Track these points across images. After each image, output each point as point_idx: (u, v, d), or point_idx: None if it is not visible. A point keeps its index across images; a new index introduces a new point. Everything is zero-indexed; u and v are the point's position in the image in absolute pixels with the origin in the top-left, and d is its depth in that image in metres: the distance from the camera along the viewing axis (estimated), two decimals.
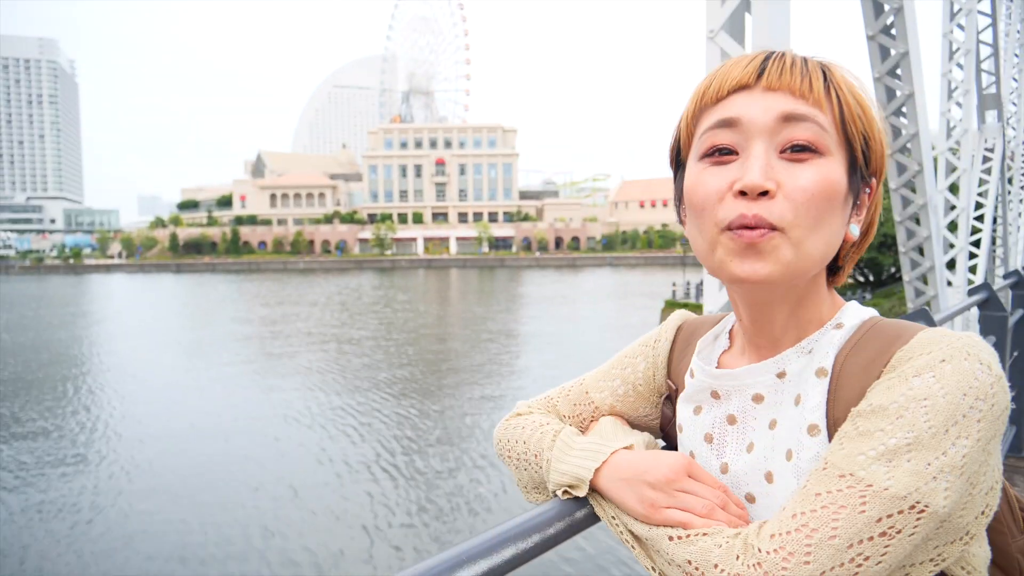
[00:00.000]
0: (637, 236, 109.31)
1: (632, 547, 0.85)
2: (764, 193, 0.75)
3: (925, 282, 7.81)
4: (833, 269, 0.88)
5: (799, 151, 0.76)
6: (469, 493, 12.71)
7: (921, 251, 7.62)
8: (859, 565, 0.67)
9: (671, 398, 1.02)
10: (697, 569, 0.74)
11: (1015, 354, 4.94)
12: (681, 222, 0.88)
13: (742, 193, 0.76)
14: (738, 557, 0.71)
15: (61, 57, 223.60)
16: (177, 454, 15.18)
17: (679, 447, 0.98)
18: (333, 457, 14.78)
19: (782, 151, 0.76)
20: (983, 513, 0.72)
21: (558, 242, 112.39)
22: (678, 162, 0.88)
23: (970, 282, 10.70)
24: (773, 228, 0.75)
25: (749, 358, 0.89)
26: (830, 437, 0.77)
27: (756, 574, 0.69)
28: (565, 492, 0.92)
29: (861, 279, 41.46)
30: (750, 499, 0.85)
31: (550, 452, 0.96)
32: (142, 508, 12.23)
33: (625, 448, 0.90)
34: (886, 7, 6.02)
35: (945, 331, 0.73)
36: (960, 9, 8.92)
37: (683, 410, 0.96)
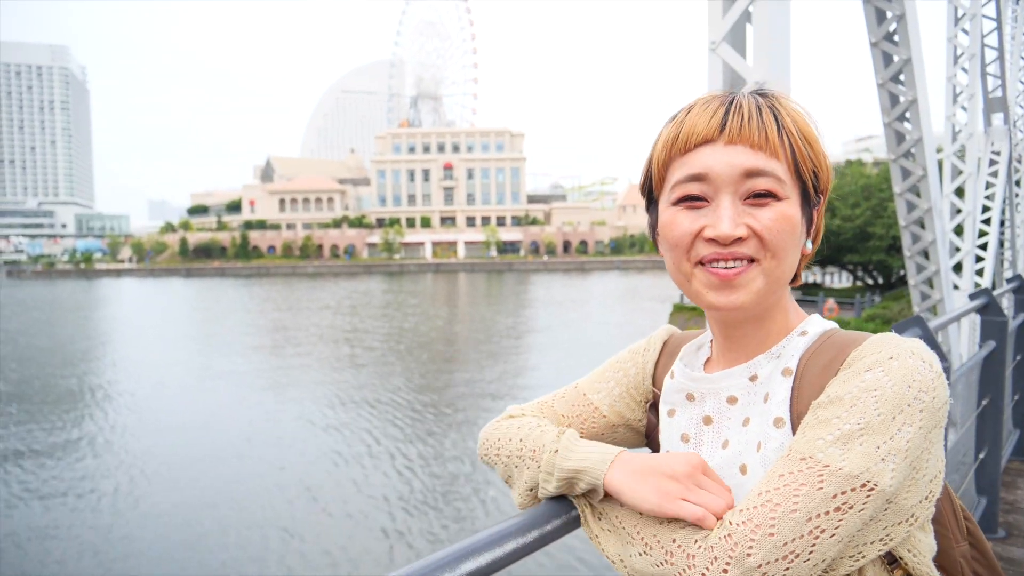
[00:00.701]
0: (645, 239, 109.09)
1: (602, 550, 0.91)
2: (736, 239, 0.87)
3: (931, 286, 7.84)
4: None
5: (761, 196, 0.87)
6: (489, 492, 12.80)
7: (926, 255, 7.65)
8: (816, 537, 0.75)
9: (655, 405, 1.10)
10: (680, 547, 0.80)
11: (1018, 358, 4.98)
12: (656, 247, 0.99)
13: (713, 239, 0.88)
14: (711, 532, 0.80)
15: (72, 63, 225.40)
16: (196, 457, 15.33)
17: (660, 449, 1.05)
18: (349, 459, 14.89)
19: (746, 198, 0.87)
20: (927, 498, 0.80)
21: (566, 246, 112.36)
22: (650, 196, 0.98)
23: (977, 285, 10.71)
24: (751, 260, 0.87)
25: (725, 364, 0.98)
26: (794, 429, 0.86)
27: (727, 544, 0.76)
28: (569, 487, 0.94)
29: (871, 282, 41.29)
30: None
31: (556, 443, 0.97)
32: (162, 512, 12.37)
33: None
34: (888, 14, 6.07)
35: (894, 335, 0.83)
36: (964, 14, 8.94)
37: (661, 412, 1.05)
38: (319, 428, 17.40)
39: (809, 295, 37.52)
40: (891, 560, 0.85)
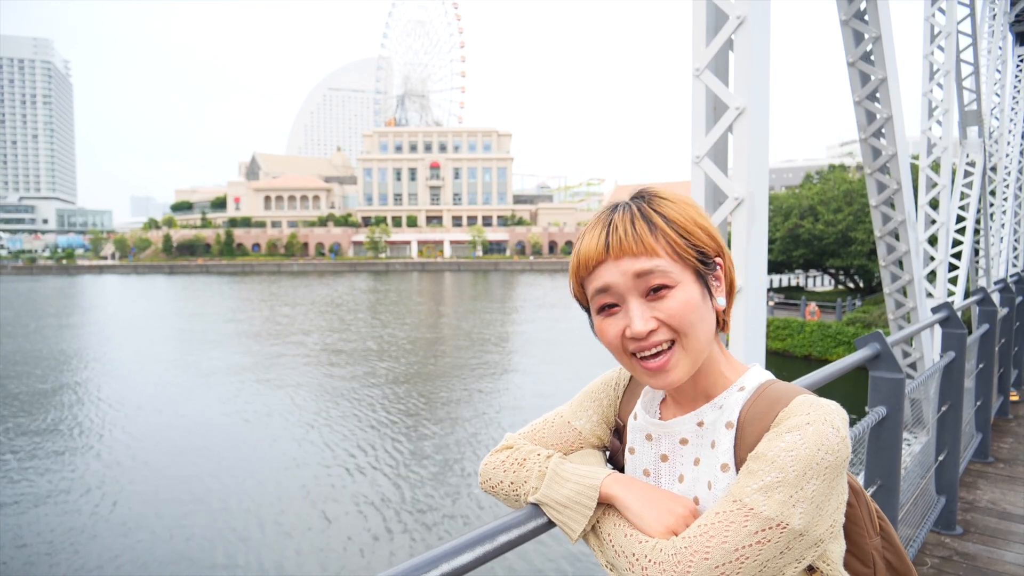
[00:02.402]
0: None
1: (593, 548, 1.11)
2: (649, 331, 1.04)
3: (905, 294, 8.13)
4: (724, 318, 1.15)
5: (658, 290, 1.04)
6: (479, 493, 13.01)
7: (901, 264, 7.95)
8: (742, 563, 0.94)
9: (619, 432, 1.28)
10: (637, 560, 1.01)
11: (980, 366, 5.28)
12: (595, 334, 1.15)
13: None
14: (662, 551, 0.99)
15: (55, 57, 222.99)
16: (184, 465, 15.42)
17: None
18: (338, 461, 15.04)
19: (646, 295, 1.04)
20: (831, 525, 0.99)
21: (552, 246, 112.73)
22: (581, 303, 1.15)
23: (950, 293, 11.06)
24: (672, 343, 1.05)
25: (676, 408, 1.17)
26: (737, 471, 1.05)
27: (672, 561, 0.96)
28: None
29: (852, 286, 41.85)
30: None
31: (558, 466, 1.17)
32: (150, 511, 12.47)
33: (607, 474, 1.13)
34: (865, 36, 6.35)
35: (813, 399, 1.01)
36: (940, 32, 9.25)
37: (626, 447, 1.23)
38: (311, 429, 17.53)
39: (792, 299, 38.04)
40: (809, 567, 1.04)
